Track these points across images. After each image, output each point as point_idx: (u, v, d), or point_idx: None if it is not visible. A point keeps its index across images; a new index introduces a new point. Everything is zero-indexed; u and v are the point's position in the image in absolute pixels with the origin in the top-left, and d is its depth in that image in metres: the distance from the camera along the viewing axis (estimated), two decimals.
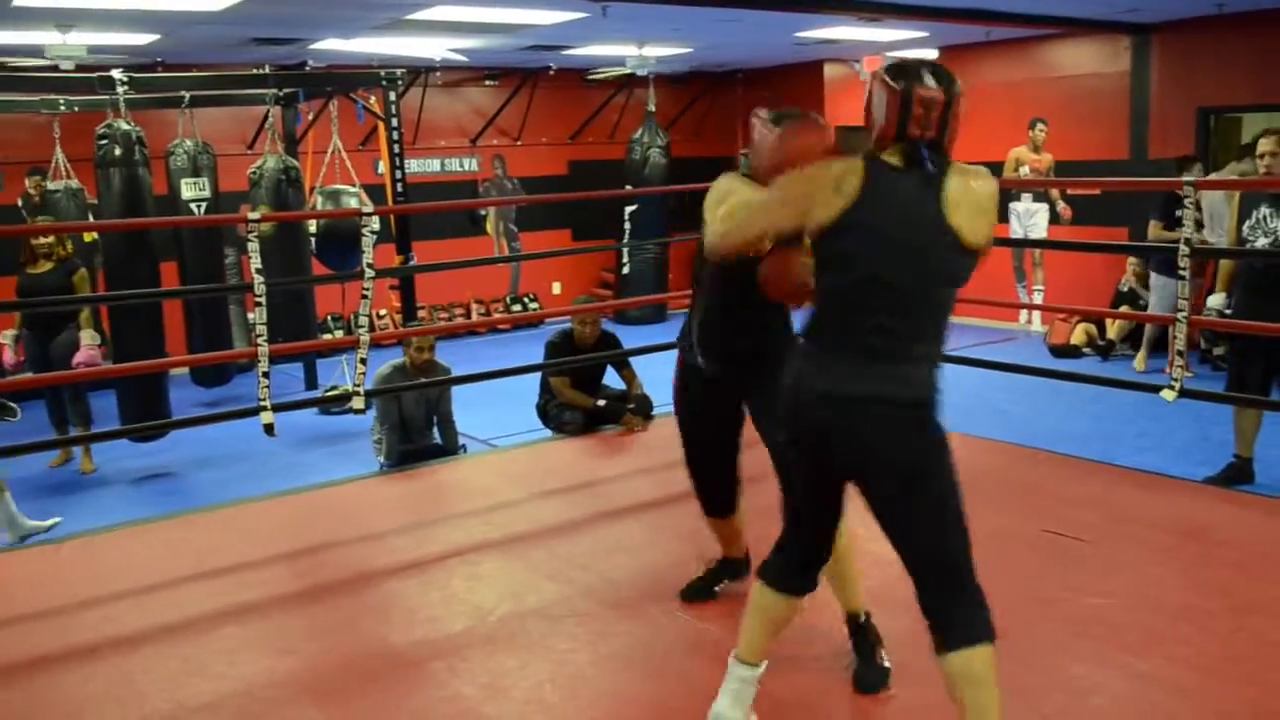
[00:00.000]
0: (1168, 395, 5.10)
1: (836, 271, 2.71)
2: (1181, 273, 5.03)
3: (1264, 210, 5.61)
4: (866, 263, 2.64)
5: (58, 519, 6.10)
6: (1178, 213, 5.74)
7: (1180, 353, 5.10)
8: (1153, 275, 9.08)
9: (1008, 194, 11.20)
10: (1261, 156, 5.67)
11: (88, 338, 7.16)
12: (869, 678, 3.37)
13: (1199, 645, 3.46)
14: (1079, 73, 11.11)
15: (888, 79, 2.69)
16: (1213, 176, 9.01)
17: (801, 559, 2.95)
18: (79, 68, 7.92)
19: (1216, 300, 5.99)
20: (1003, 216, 10.91)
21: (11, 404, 6.94)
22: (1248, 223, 5.70)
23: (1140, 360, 9.32)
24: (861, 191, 2.63)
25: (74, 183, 9.01)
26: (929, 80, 2.65)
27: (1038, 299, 11.12)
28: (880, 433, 2.64)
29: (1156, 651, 3.40)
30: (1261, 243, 5.61)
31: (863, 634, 3.43)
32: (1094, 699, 3.17)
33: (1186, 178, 5.21)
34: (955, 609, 2.67)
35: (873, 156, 2.69)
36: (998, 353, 9.57)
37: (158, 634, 3.86)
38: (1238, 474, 5.89)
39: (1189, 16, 9.83)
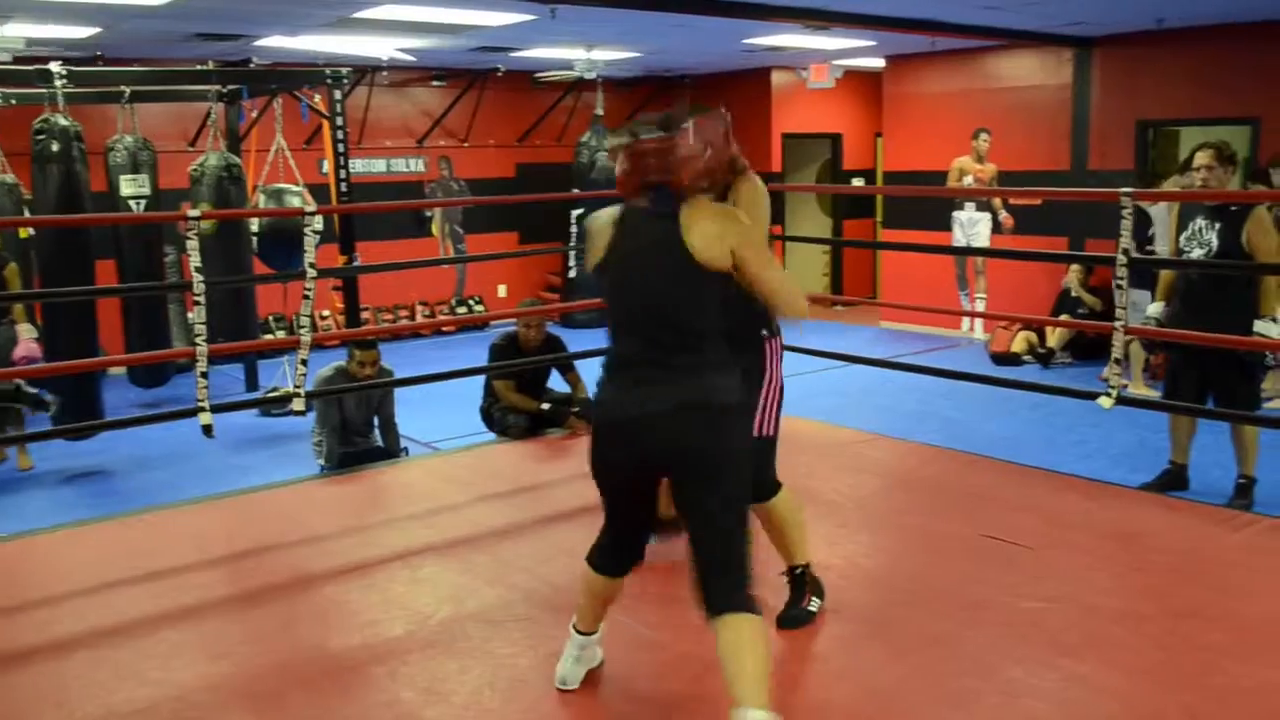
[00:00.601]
0: (1105, 402, 5.16)
1: (609, 305, 3.10)
2: (1119, 282, 5.11)
3: (1199, 222, 5.71)
4: (627, 293, 3.02)
5: None
6: (1150, 231, 5.84)
7: (1118, 360, 5.17)
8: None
9: (951, 203, 11.32)
10: (1197, 169, 5.77)
11: (26, 332, 7.04)
12: (788, 616, 3.72)
13: (1135, 648, 3.50)
14: (1022, 84, 11.26)
15: (620, 141, 3.02)
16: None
17: (615, 549, 3.25)
18: (16, 59, 7.77)
19: (1154, 309, 6.09)
20: (945, 225, 11.16)
21: (47, 397, 6.80)
22: (1184, 234, 5.81)
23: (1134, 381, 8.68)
24: (615, 233, 3.03)
25: (9, 177, 8.83)
26: (651, 133, 2.97)
27: (980, 307, 11.24)
28: (686, 434, 2.92)
29: (1093, 654, 3.44)
30: (1197, 254, 5.70)
31: (798, 582, 3.76)
32: (1030, 701, 3.20)
33: (1124, 189, 5.28)
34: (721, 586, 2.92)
35: (629, 204, 3.05)
36: (940, 360, 9.66)
37: (91, 638, 3.79)
38: (1173, 481, 5.98)
39: (1129, 31, 9.99)
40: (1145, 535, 4.57)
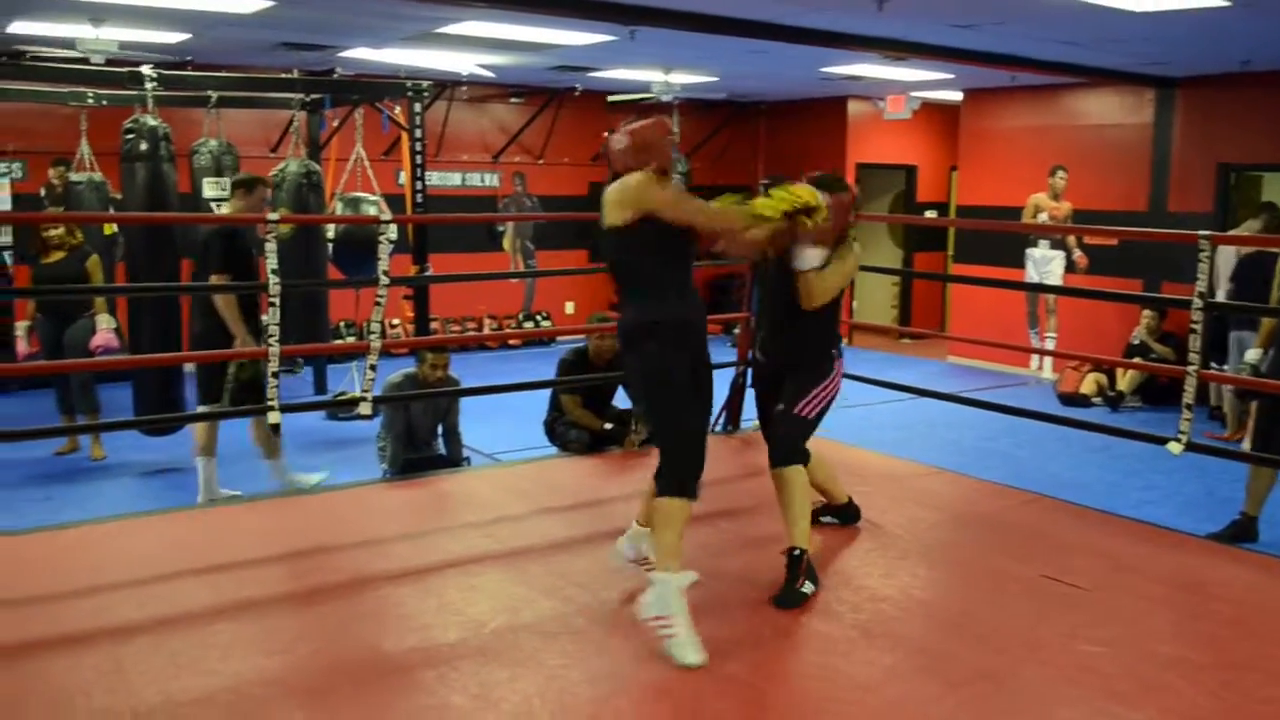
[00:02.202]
0: (1174, 448, 5.08)
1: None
2: (1194, 326, 5.03)
3: None
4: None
5: (324, 474, 6.67)
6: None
7: (1189, 405, 5.08)
8: (1232, 334, 8.74)
9: (1025, 240, 11.21)
10: None
11: (104, 322, 7.22)
12: (782, 596, 4.08)
13: (1189, 698, 3.44)
14: (1101, 122, 11.15)
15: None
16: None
17: None
18: (109, 62, 8.00)
19: (1253, 355, 5.99)
20: (1018, 262, 11.05)
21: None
22: None
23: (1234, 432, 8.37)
24: None
25: (97, 175, 9.07)
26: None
27: (1050, 347, 11.11)
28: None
29: (1147, 701, 3.39)
30: None
31: (794, 563, 4.13)
32: None
33: (1203, 232, 5.20)
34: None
35: None
36: (1007, 397, 9.55)
37: (152, 626, 3.86)
38: (1242, 531, 5.87)
39: (1214, 72, 9.86)
40: (1208, 584, 4.49)
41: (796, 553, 4.13)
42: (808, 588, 4.09)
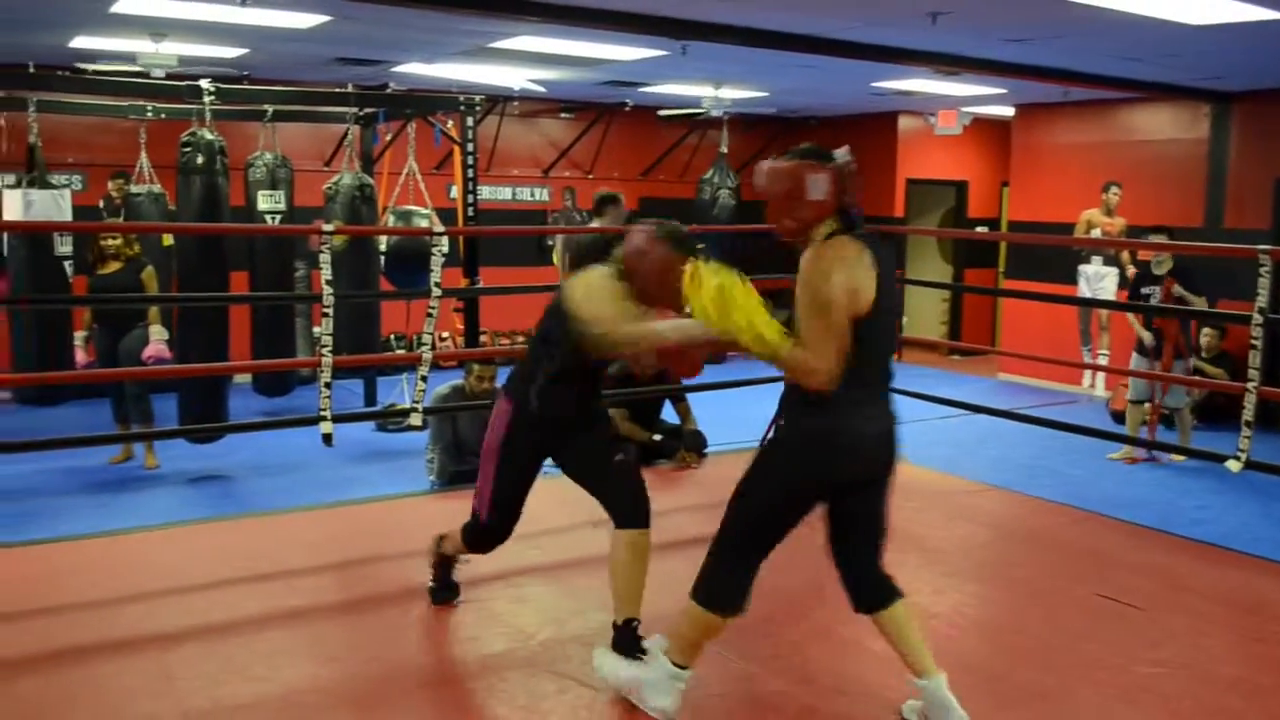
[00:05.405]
0: (1233, 466, 5.00)
1: (874, 340, 3.08)
2: (1254, 343, 4.95)
3: None
4: (889, 324, 3.15)
5: None
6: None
7: (1248, 423, 5.00)
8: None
9: (1077, 256, 11.08)
10: None
11: (156, 333, 7.30)
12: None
13: None
14: (1156, 138, 11.00)
15: (815, 161, 3.04)
16: None
17: (750, 581, 3.29)
18: (169, 76, 8.11)
19: None
20: (1070, 278, 10.92)
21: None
22: None
23: None
24: (876, 264, 3.00)
25: (156, 187, 9.19)
26: (844, 157, 3.05)
27: (1103, 364, 10.95)
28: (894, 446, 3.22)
29: None
30: None
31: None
32: None
33: (1262, 246, 5.12)
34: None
35: (839, 231, 3.05)
36: (1060, 415, 9.43)
37: (201, 633, 3.90)
38: None
39: (1272, 86, 9.71)
40: (1267, 604, 4.40)
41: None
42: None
